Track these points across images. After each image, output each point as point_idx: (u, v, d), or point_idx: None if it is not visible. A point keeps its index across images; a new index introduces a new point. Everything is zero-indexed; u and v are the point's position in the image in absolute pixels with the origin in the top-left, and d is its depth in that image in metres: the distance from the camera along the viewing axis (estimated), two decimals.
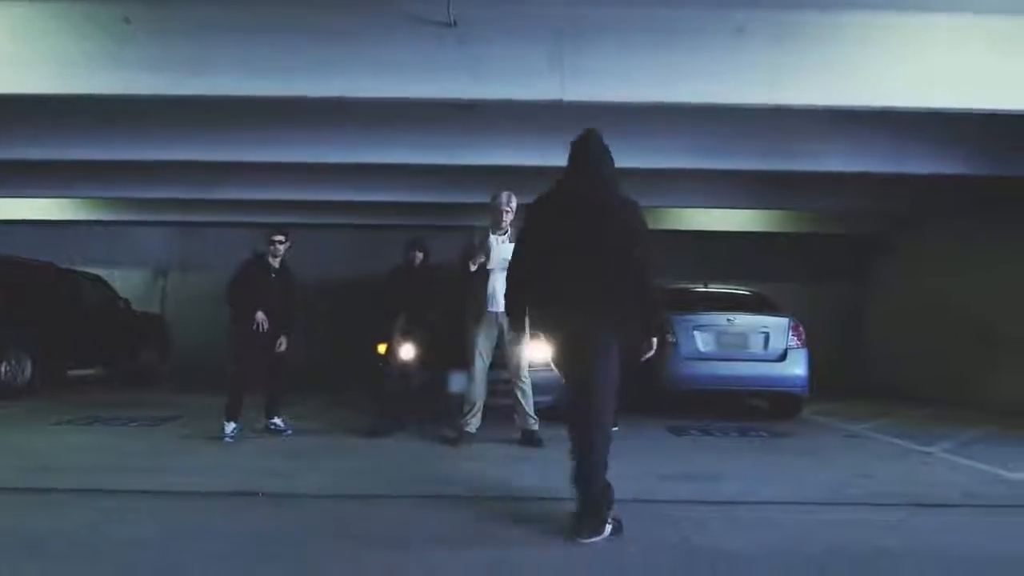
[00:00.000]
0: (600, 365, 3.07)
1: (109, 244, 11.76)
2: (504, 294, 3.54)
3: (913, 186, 8.10)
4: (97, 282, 9.49)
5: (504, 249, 5.13)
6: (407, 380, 5.60)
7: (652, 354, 3.27)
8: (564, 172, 3.25)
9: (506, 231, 5.24)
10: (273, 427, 5.47)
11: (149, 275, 12.29)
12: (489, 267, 5.13)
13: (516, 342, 5.12)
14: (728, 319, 6.93)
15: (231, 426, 5.14)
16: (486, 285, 5.13)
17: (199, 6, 4.73)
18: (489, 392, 5.22)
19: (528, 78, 4.79)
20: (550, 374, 5.70)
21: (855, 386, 10.21)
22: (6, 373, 7.25)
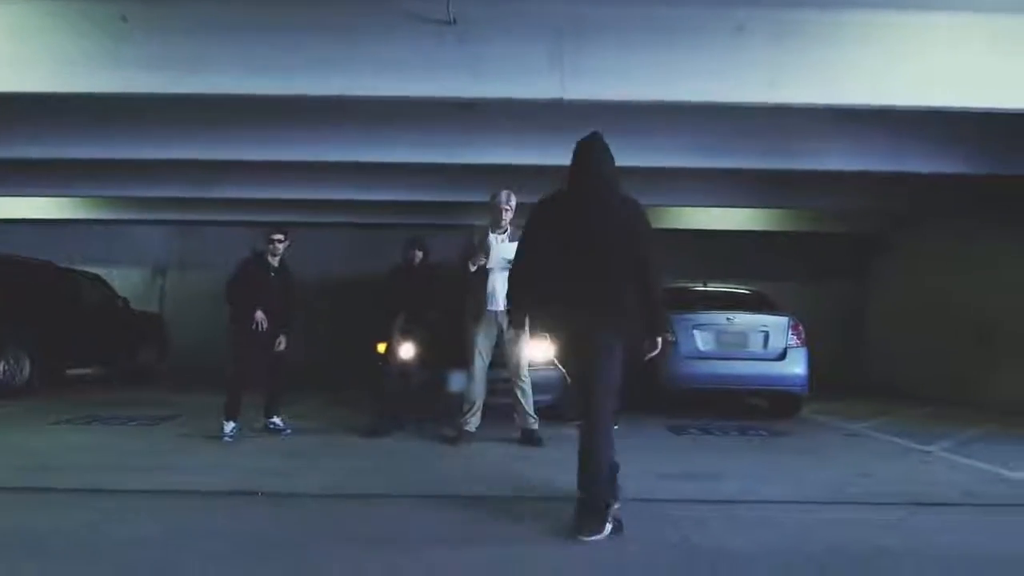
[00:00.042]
0: (602, 365, 3.09)
1: (108, 243, 11.74)
2: (506, 293, 3.55)
3: (913, 185, 8.09)
4: (96, 281, 9.48)
5: (504, 248, 5.13)
6: (406, 379, 5.60)
7: (656, 353, 3.28)
8: (568, 174, 3.28)
9: (506, 230, 5.23)
10: (272, 426, 5.47)
11: (148, 274, 12.27)
12: (488, 266, 5.12)
13: (516, 341, 5.12)
14: (728, 318, 6.93)
15: (230, 425, 5.13)
16: (485, 284, 5.13)
17: (197, 4, 4.71)
18: (489, 391, 5.22)
19: (528, 76, 4.77)
20: (550, 373, 5.76)
21: (855, 385, 10.20)
22: (4, 372, 7.24)
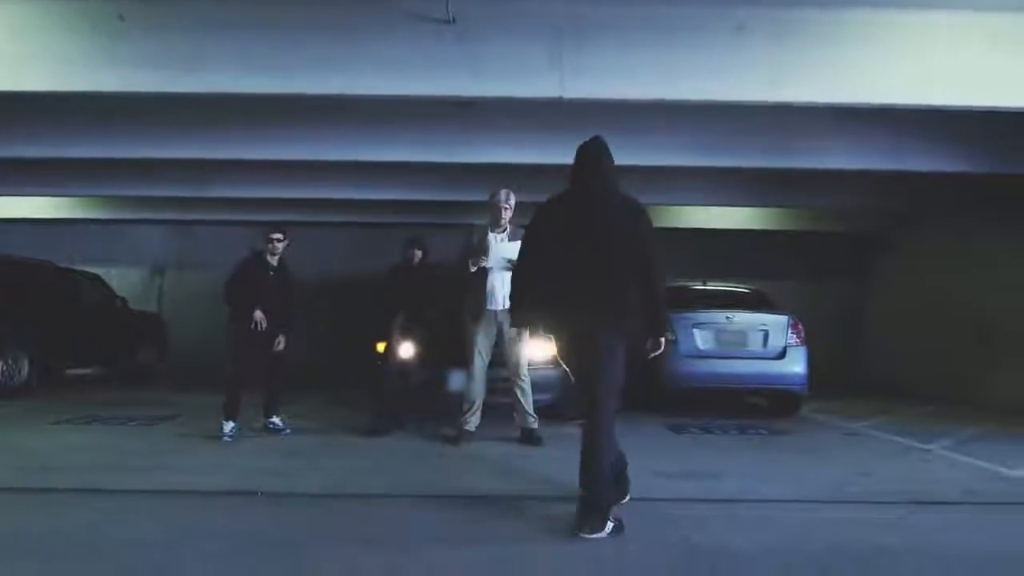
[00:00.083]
0: (605, 365, 3.11)
1: (107, 243, 11.73)
2: (509, 294, 3.59)
3: (913, 184, 8.08)
4: (95, 281, 9.47)
5: (503, 248, 5.12)
6: (406, 378, 5.59)
7: (658, 353, 3.32)
8: (570, 176, 3.33)
9: (505, 229, 5.22)
10: (272, 426, 5.46)
11: (146, 274, 12.26)
12: (488, 266, 5.12)
13: (515, 340, 5.11)
14: (727, 317, 6.93)
15: (229, 425, 5.13)
16: (485, 283, 5.12)
17: (194, 3, 4.70)
18: (488, 390, 5.21)
19: (527, 75, 4.76)
20: (549, 372, 5.76)
21: (854, 384, 10.20)
22: (4, 372, 7.23)
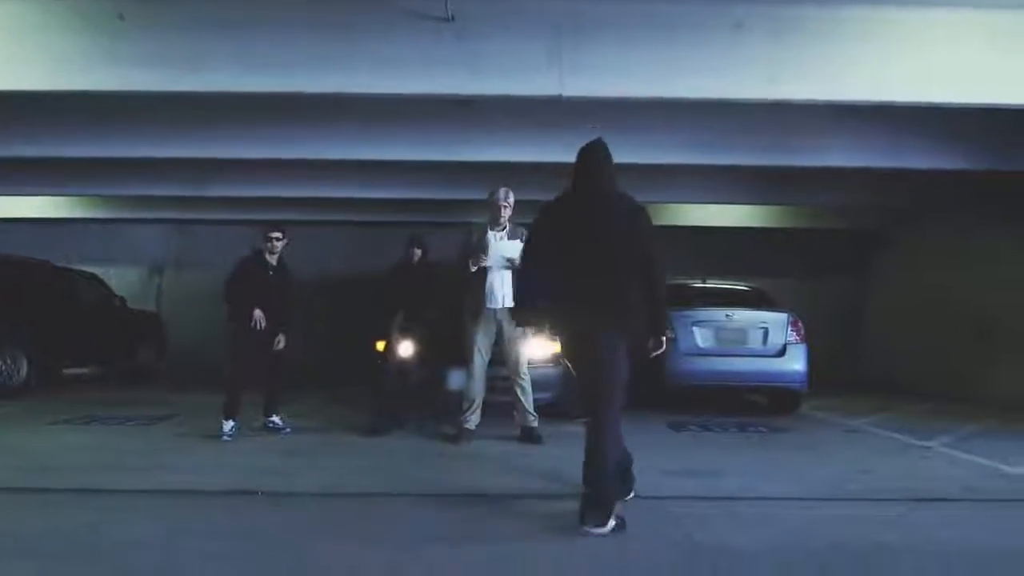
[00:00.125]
0: (609, 362, 3.14)
1: (105, 242, 11.71)
2: (515, 295, 3.64)
3: (913, 181, 8.08)
4: (93, 280, 9.45)
5: (503, 246, 5.11)
6: (406, 377, 5.58)
7: (660, 352, 3.35)
8: (571, 177, 3.39)
9: (504, 227, 5.21)
10: (271, 425, 5.46)
11: (145, 273, 12.23)
12: (488, 265, 5.11)
13: (515, 339, 5.11)
14: (727, 315, 6.92)
15: (229, 424, 5.12)
16: (484, 282, 5.10)
17: (194, 1, 4.68)
18: (488, 389, 5.21)
19: (526, 74, 4.76)
20: (549, 371, 5.76)
21: (854, 381, 10.20)
22: (2, 372, 7.21)
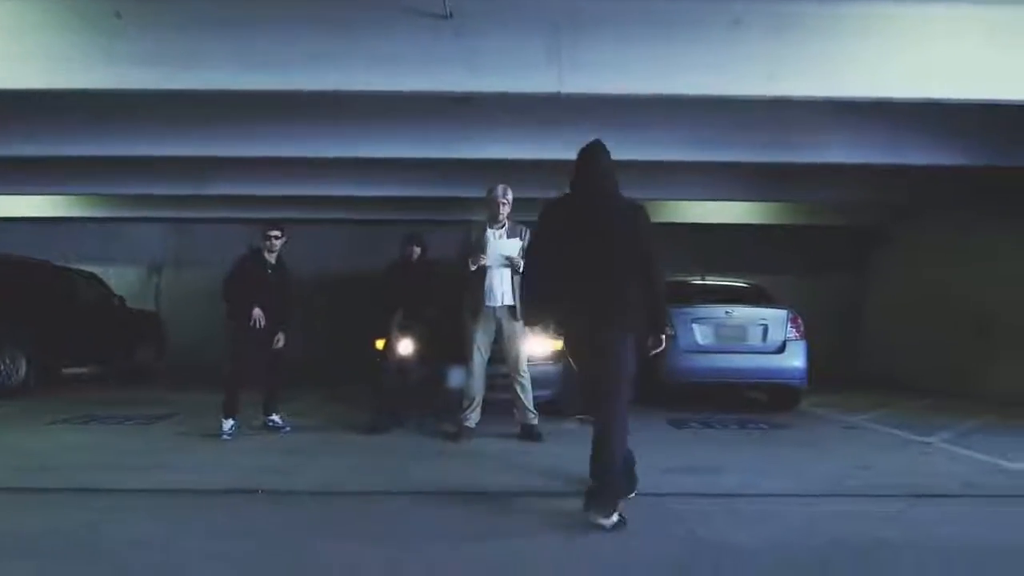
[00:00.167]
0: (614, 358, 3.19)
1: (104, 241, 11.69)
2: (520, 296, 3.72)
3: (912, 177, 8.07)
4: (92, 280, 9.44)
5: (502, 245, 5.10)
6: (405, 375, 5.58)
7: (660, 349, 3.39)
8: (572, 178, 3.44)
9: (504, 225, 5.20)
10: (271, 424, 5.45)
11: (144, 272, 12.22)
12: (487, 264, 5.09)
13: (515, 337, 5.10)
14: (726, 311, 6.92)
15: (229, 423, 5.12)
16: (483, 280, 5.09)
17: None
18: (488, 387, 5.21)
19: (525, 70, 4.74)
20: (549, 368, 5.75)
21: (853, 377, 10.21)
22: (1, 372, 7.21)
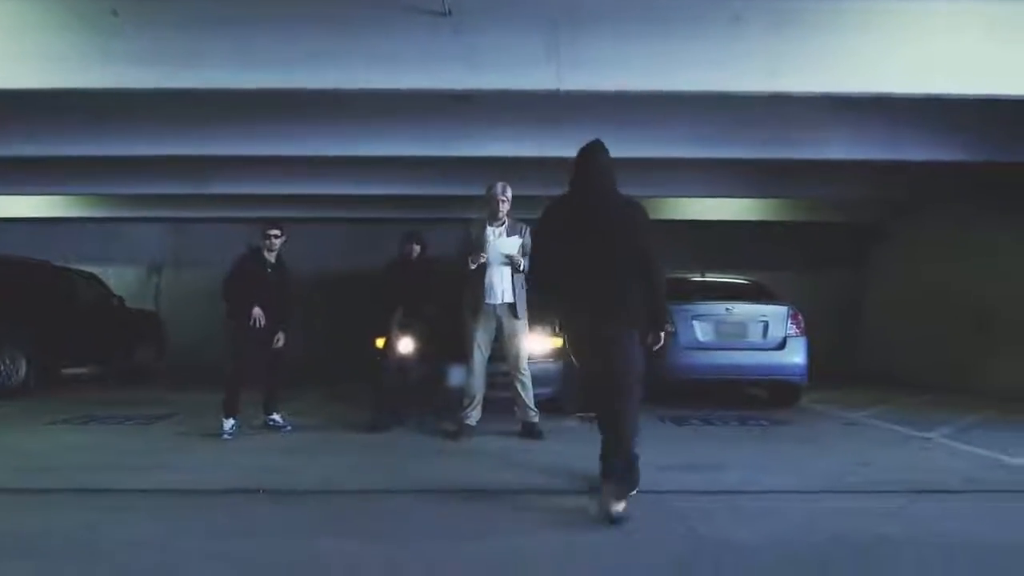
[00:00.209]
0: (621, 354, 3.25)
1: (103, 242, 11.66)
2: (528, 299, 3.84)
3: (912, 173, 8.06)
4: (91, 280, 9.42)
5: (502, 243, 5.09)
6: (405, 374, 5.57)
7: (660, 345, 3.42)
8: (571, 179, 3.48)
9: (503, 222, 5.18)
10: (272, 423, 5.45)
11: (143, 272, 12.20)
12: (487, 261, 5.08)
13: (515, 334, 5.09)
14: (727, 308, 6.91)
15: (229, 423, 5.11)
16: (483, 278, 5.09)
17: None
18: (488, 385, 5.20)
19: (524, 68, 4.73)
20: (550, 366, 5.75)
21: (853, 374, 10.22)
22: (1, 372, 7.19)
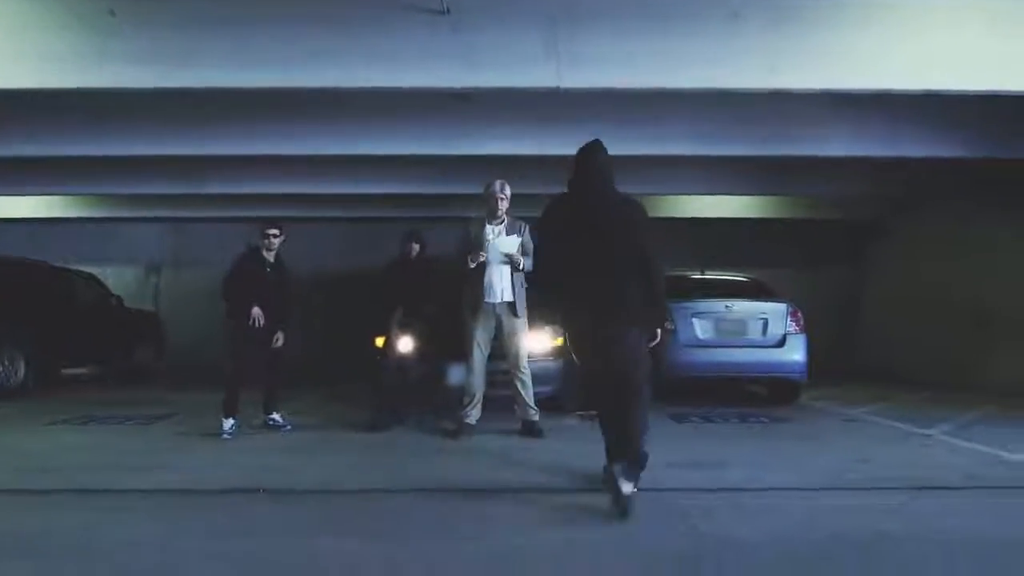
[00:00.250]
0: (625, 350, 3.29)
1: (102, 242, 11.66)
2: (533, 299, 3.87)
3: (911, 170, 8.06)
4: (90, 280, 9.41)
5: (501, 241, 5.08)
6: (405, 373, 5.57)
7: (657, 343, 3.47)
8: (569, 178, 3.51)
9: (503, 220, 5.17)
10: (271, 423, 5.44)
11: (142, 272, 12.19)
12: (486, 260, 5.07)
13: (515, 333, 5.08)
14: (726, 306, 6.91)
15: (229, 422, 5.11)
16: (483, 276, 5.07)
17: None
18: (488, 383, 5.20)
19: (523, 66, 4.73)
20: (550, 364, 5.74)
21: (852, 371, 10.22)
22: (0, 373, 7.19)
